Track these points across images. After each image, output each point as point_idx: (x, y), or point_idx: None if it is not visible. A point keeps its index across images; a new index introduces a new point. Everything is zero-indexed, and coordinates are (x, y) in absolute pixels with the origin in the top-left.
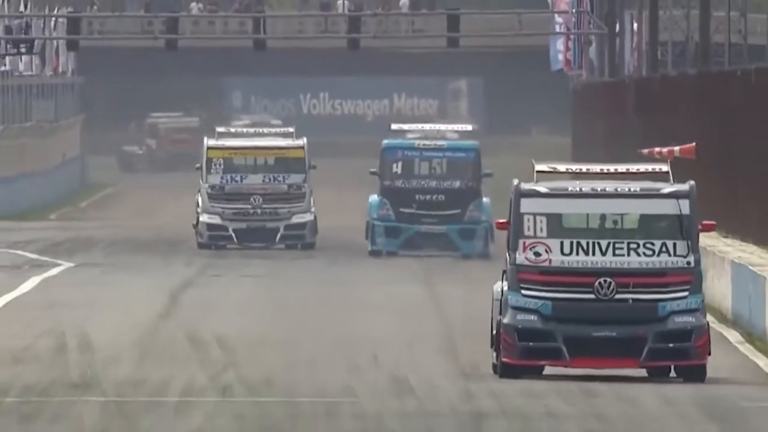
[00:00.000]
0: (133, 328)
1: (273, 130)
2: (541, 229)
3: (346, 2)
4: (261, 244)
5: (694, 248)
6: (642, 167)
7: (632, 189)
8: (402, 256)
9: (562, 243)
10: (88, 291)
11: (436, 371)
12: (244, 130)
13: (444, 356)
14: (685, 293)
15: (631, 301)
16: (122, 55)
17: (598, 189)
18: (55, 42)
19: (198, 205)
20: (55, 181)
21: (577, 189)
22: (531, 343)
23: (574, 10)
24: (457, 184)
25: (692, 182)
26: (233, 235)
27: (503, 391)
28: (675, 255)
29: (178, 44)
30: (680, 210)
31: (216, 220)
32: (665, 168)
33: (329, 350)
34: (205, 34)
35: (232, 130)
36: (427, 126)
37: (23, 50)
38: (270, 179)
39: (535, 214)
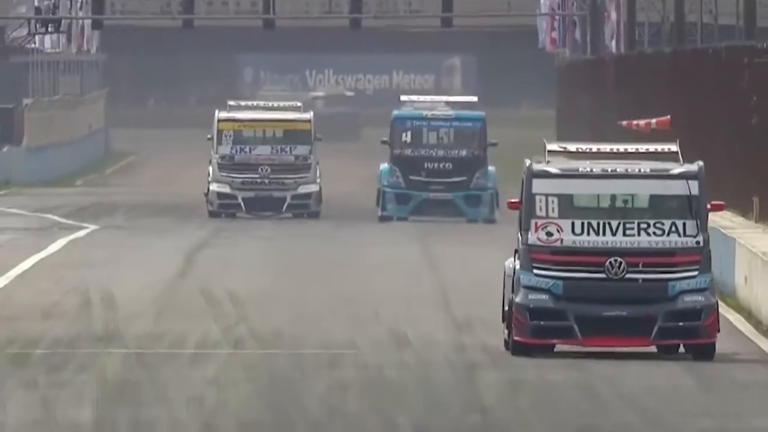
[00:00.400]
0: (153, 285)
1: (281, 104)
2: (553, 210)
3: None
4: (268, 213)
5: (703, 228)
6: (651, 147)
7: (642, 170)
8: (410, 221)
9: (573, 223)
10: (111, 251)
11: (432, 326)
12: (253, 103)
13: (439, 312)
14: (695, 272)
15: (641, 280)
16: (143, 33)
17: (609, 170)
18: (80, 21)
19: (209, 175)
20: (81, 150)
21: (588, 170)
22: (542, 322)
23: None
24: (463, 152)
25: (701, 163)
26: (242, 203)
27: (494, 344)
28: (684, 235)
29: (194, 24)
30: (689, 190)
31: (226, 189)
32: (674, 148)
33: (333, 306)
34: (218, 14)
35: (242, 103)
36: (435, 98)
37: (51, 29)
38: (277, 150)
39: (546, 195)
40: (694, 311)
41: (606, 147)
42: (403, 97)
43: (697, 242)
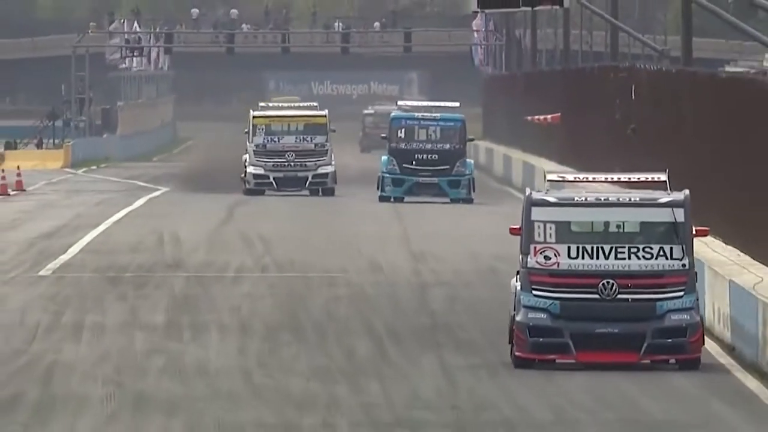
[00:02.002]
0: (205, 229)
1: (302, 104)
2: (551, 235)
3: (340, 24)
4: (294, 189)
5: (688, 252)
6: (642, 176)
7: (632, 198)
8: (405, 202)
9: (569, 248)
10: (177, 206)
11: (398, 257)
12: (280, 104)
13: (404, 249)
14: (681, 293)
15: (631, 300)
16: (199, 56)
17: (602, 198)
18: (156, 48)
19: (245, 162)
20: (156, 137)
21: (583, 199)
22: (541, 339)
23: (484, 29)
24: (447, 146)
25: (687, 192)
26: (273, 182)
27: (440, 269)
28: (671, 258)
29: (234, 50)
30: (675, 218)
31: (260, 171)
32: (663, 177)
33: (331, 244)
34: (251, 44)
35: (271, 104)
36: (425, 103)
37: (136, 54)
38: (300, 139)
39: (545, 222)
40: (681, 329)
41: (600, 176)
42: (400, 102)
43: (683, 265)
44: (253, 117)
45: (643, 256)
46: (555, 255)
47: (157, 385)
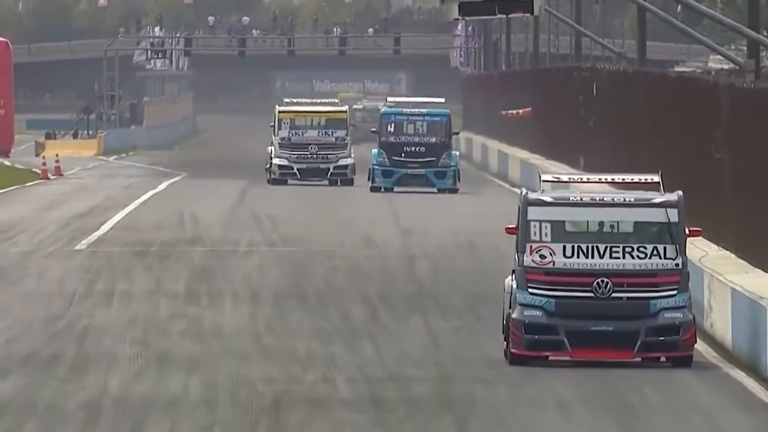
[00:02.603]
0: (221, 209)
1: (324, 100)
2: (546, 234)
3: (338, 29)
4: (316, 179)
5: (681, 251)
6: (636, 177)
7: (627, 199)
8: (395, 193)
9: (564, 247)
10: (195, 189)
11: (389, 233)
12: (303, 100)
13: (394, 227)
14: (674, 292)
15: (625, 298)
16: (214, 58)
17: (597, 199)
18: (177, 51)
19: (270, 154)
20: (177, 128)
21: (579, 198)
22: (536, 336)
23: (464, 34)
24: (433, 139)
25: (680, 193)
26: (297, 172)
27: (426, 243)
28: (665, 258)
29: (246, 53)
30: (669, 218)
31: (285, 162)
32: (656, 179)
33: (331, 223)
34: (260, 47)
35: (295, 100)
36: (412, 99)
37: (160, 56)
38: (322, 133)
39: (540, 221)
40: (674, 327)
41: (595, 177)
42: (389, 99)
43: (677, 264)
44: (279, 112)
45: (637, 256)
46: (551, 254)
47: (178, 345)
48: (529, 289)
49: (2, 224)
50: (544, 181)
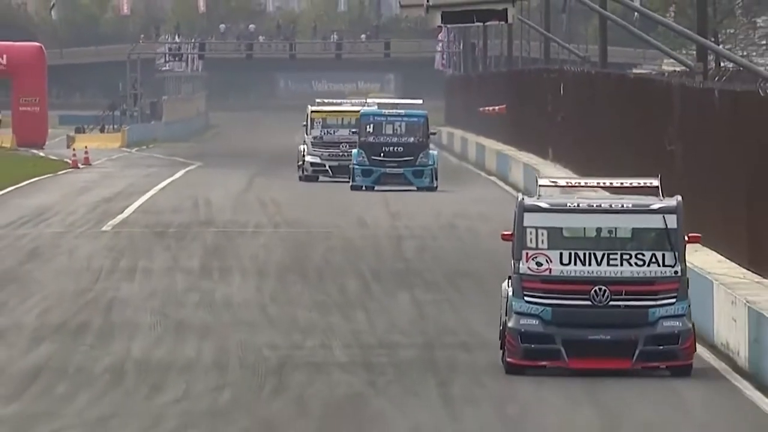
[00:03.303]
0: (230, 194)
1: (353, 100)
2: (543, 241)
3: (335, 35)
4: (346, 176)
5: (680, 258)
6: (634, 182)
7: (625, 204)
8: (377, 191)
9: (561, 254)
10: (208, 176)
11: (380, 216)
12: (334, 101)
13: (384, 210)
14: (673, 300)
15: (623, 307)
16: (225, 61)
17: (594, 205)
18: (192, 55)
19: (302, 151)
20: (192, 124)
21: (576, 204)
22: (533, 345)
23: (446, 40)
24: (411, 139)
25: (679, 198)
26: (329, 170)
27: (412, 225)
28: (663, 265)
29: (253, 56)
30: (667, 224)
31: (317, 159)
32: (656, 183)
33: (328, 207)
34: (266, 51)
35: (326, 101)
36: (391, 100)
37: (177, 59)
38: (353, 132)
39: (537, 228)
40: (673, 336)
41: (593, 181)
42: (368, 99)
43: (675, 272)
44: (311, 112)
45: (635, 263)
46: (547, 261)
47: (193, 315)
48: (525, 297)
49: (37, 208)
50: (541, 185)
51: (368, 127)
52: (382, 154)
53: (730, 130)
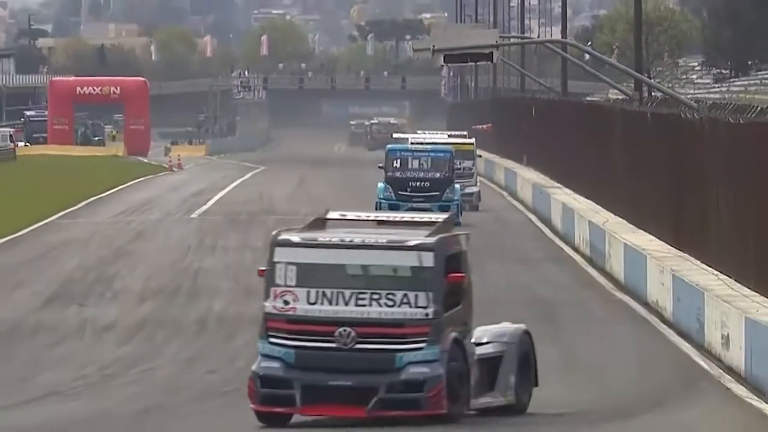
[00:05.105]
0: (287, 190)
1: (453, 132)
2: (291, 278)
3: (363, 72)
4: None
5: (435, 300)
6: (417, 217)
7: (378, 240)
8: None
9: (308, 292)
10: (271, 177)
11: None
12: (435, 132)
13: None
14: (423, 344)
15: (368, 350)
16: (282, 91)
17: (346, 240)
18: (258, 87)
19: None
20: (258, 138)
21: (327, 239)
22: (271, 390)
23: (447, 75)
24: (437, 174)
25: (444, 235)
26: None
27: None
28: (415, 306)
29: (303, 87)
30: (422, 263)
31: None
32: (440, 218)
33: (360, 199)
34: (313, 84)
35: (427, 132)
36: (431, 134)
37: (246, 90)
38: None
39: (286, 263)
40: (417, 383)
41: (382, 216)
42: (395, 135)
43: (427, 314)
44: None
45: (385, 303)
46: (294, 299)
47: (257, 281)
48: (270, 339)
49: (142, 201)
50: (327, 218)
51: (395, 162)
52: (408, 189)
53: (657, 141)
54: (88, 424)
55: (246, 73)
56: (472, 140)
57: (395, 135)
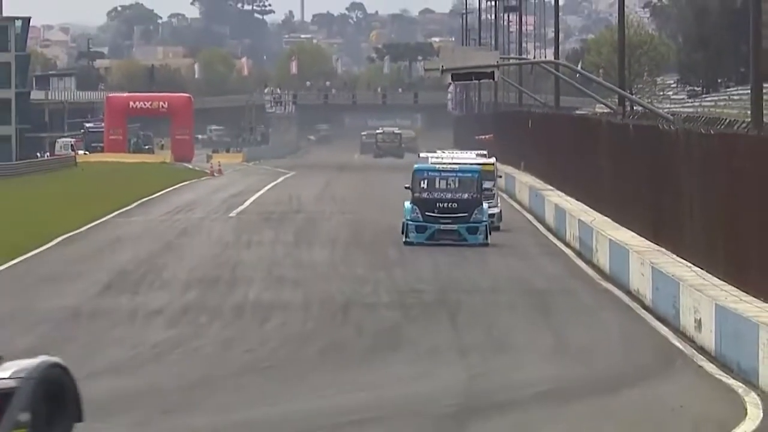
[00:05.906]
0: (314, 192)
1: (475, 152)
2: None
3: (380, 88)
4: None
5: None
6: None
7: None
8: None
9: None
10: (300, 180)
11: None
12: (454, 151)
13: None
14: None
15: None
16: (310, 106)
17: None
18: (288, 101)
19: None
20: (288, 147)
21: None
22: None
23: (454, 91)
24: (465, 195)
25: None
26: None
27: None
28: None
29: (328, 102)
30: None
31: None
32: None
33: (379, 202)
34: (336, 99)
35: (446, 152)
36: (459, 156)
37: (278, 105)
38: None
39: None
40: None
41: None
42: (422, 154)
43: None
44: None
45: None
46: None
47: (288, 272)
48: None
49: (187, 201)
50: None
51: (422, 182)
52: (436, 210)
53: (639, 150)
54: (143, 395)
55: (278, 90)
56: (493, 160)
57: (422, 155)
